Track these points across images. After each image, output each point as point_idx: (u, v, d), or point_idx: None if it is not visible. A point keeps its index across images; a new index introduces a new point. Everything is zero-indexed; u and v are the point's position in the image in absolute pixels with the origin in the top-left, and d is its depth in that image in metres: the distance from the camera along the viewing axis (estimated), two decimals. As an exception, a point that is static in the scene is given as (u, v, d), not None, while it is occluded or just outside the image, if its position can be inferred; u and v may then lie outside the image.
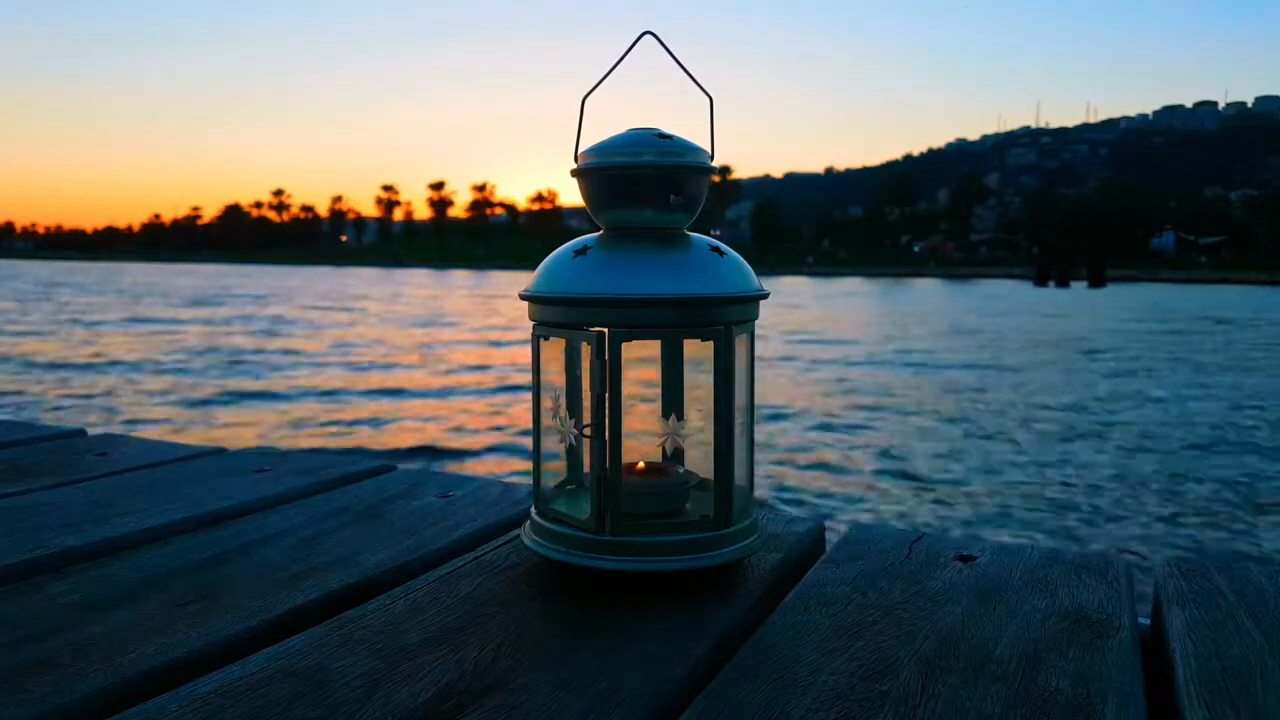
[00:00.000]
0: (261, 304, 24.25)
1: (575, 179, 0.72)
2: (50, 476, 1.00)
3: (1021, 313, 24.28)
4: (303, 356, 12.27)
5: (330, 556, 0.75)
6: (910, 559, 0.76)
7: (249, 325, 17.25)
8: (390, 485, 0.98)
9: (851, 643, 0.60)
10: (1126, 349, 14.68)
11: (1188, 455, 6.74)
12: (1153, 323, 21.51)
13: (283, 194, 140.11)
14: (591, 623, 0.62)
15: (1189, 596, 0.68)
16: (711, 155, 0.71)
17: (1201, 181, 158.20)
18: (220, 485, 0.96)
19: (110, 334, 14.76)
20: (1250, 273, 69.45)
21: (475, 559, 0.75)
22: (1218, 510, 5.25)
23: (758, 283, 0.70)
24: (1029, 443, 7.04)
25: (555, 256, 0.70)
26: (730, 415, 0.68)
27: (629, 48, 0.70)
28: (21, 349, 12.46)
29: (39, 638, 0.59)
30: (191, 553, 0.76)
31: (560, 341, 0.72)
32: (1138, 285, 51.49)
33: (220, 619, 0.62)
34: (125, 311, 20.85)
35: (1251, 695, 0.53)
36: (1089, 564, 0.75)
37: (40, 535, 0.79)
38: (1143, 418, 8.31)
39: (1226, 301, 31.86)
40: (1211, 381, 10.86)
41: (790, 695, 0.52)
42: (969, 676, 0.55)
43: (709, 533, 0.68)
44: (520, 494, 0.94)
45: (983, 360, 12.73)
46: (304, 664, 0.56)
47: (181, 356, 11.96)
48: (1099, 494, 5.54)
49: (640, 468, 0.74)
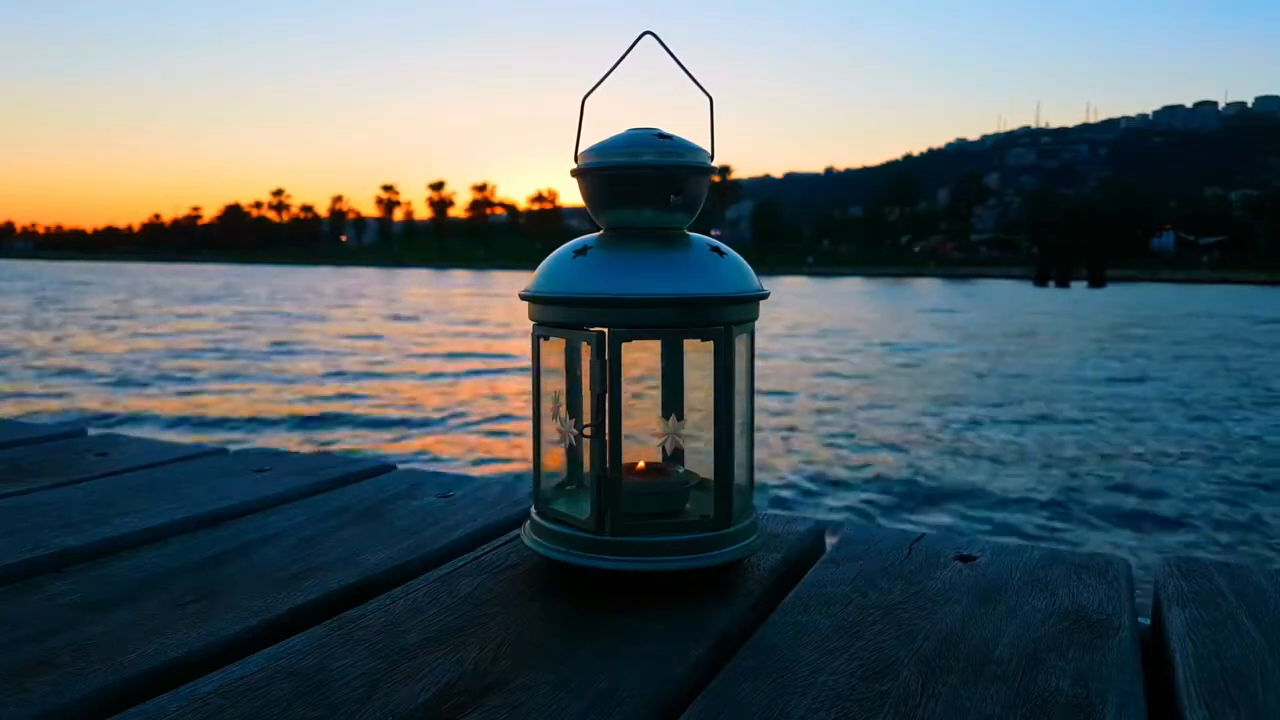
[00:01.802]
0: (351, 309, 23.08)
1: (575, 179, 0.72)
2: (50, 476, 1.00)
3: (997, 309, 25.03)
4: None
5: (330, 556, 0.75)
6: (910, 559, 0.76)
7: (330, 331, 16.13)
8: (390, 485, 0.98)
9: (851, 643, 0.60)
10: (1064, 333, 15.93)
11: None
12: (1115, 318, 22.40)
13: (283, 194, 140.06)
14: (591, 623, 0.62)
15: (1189, 596, 0.68)
16: (711, 155, 0.71)
17: (1201, 181, 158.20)
18: (220, 485, 0.96)
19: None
20: (1250, 272, 69.45)
21: (475, 559, 0.75)
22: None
23: (758, 283, 0.70)
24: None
25: (555, 256, 0.70)
26: (730, 415, 0.68)
27: (629, 48, 0.70)
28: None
29: (39, 638, 0.59)
30: (191, 553, 0.76)
31: (560, 341, 0.72)
32: (1138, 285, 51.56)
33: (220, 619, 0.62)
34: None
35: (1251, 695, 0.53)
36: (1089, 564, 0.75)
37: (40, 535, 0.79)
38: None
39: (1216, 302, 31.98)
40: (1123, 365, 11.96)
41: (790, 695, 0.52)
42: (969, 676, 0.55)
43: (709, 533, 0.68)
44: (520, 494, 0.94)
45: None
46: (304, 664, 0.56)
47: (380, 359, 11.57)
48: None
49: (640, 468, 0.74)
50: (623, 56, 0.70)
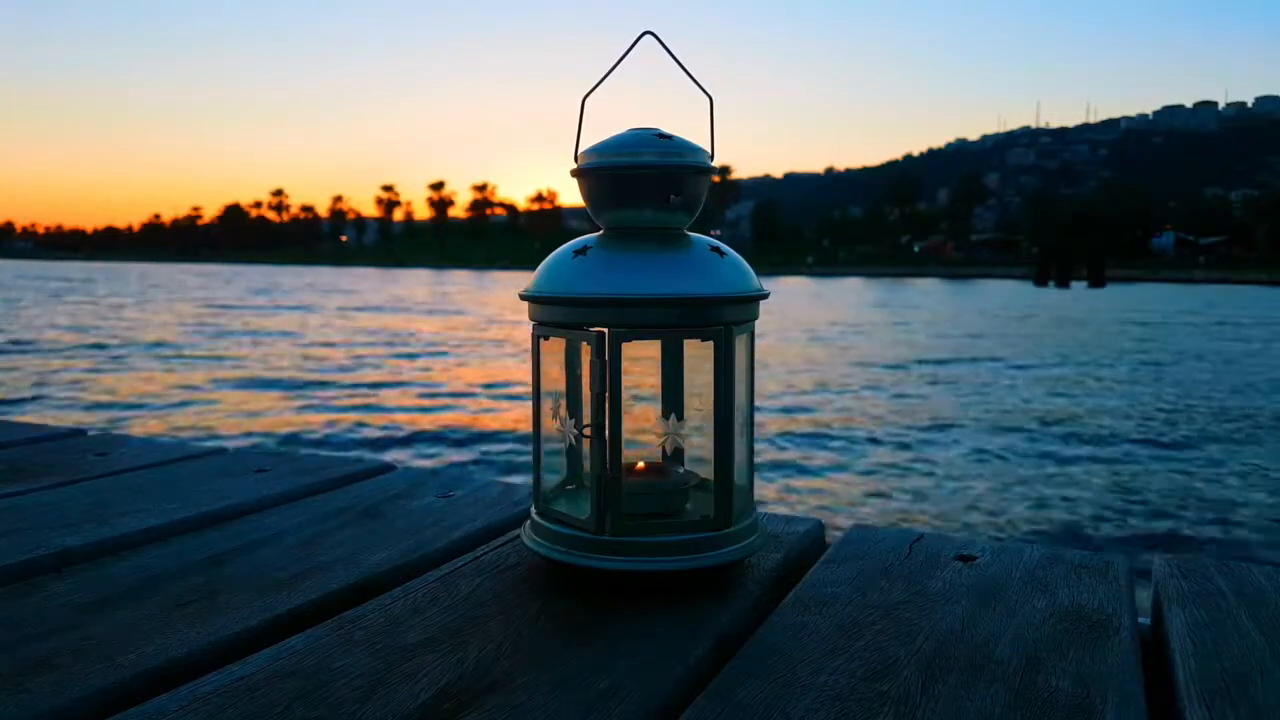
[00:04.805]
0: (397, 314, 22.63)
1: (575, 179, 0.71)
2: (50, 476, 1.00)
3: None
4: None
5: (330, 556, 0.75)
6: (910, 559, 0.76)
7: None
8: (390, 485, 0.98)
9: (851, 643, 0.60)
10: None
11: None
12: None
13: (282, 194, 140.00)
14: (591, 623, 0.62)
15: (1189, 596, 0.68)
16: (711, 155, 0.71)
17: (1201, 181, 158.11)
18: (220, 485, 0.96)
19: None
20: (1250, 272, 69.43)
21: (475, 559, 0.75)
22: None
23: (758, 283, 0.70)
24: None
25: (555, 256, 0.70)
26: (730, 415, 0.68)
27: (629, 48, 0.70)
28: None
29: (39, 638, 0.59)
30: (191, 553, 0.76)
31: (560, 341, 0.72)
32: (1138, 285, 51.60)
33: (220, 619, 0.62)
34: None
35: (1251, 695, 0.53)
36: (1089, 564, 0.75)
37: (40, 535, 0.79)
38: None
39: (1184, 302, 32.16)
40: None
41: (790, 695, 0.52)
42: (969, 677, 0.55)
43: (709, 533, 0.68)
44: (520, 494, 0.94)
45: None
46: (304, 664, 0.56)
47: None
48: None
49: (640, 468, 0.74)
50: (623, 56, 0.70)
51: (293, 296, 27.10)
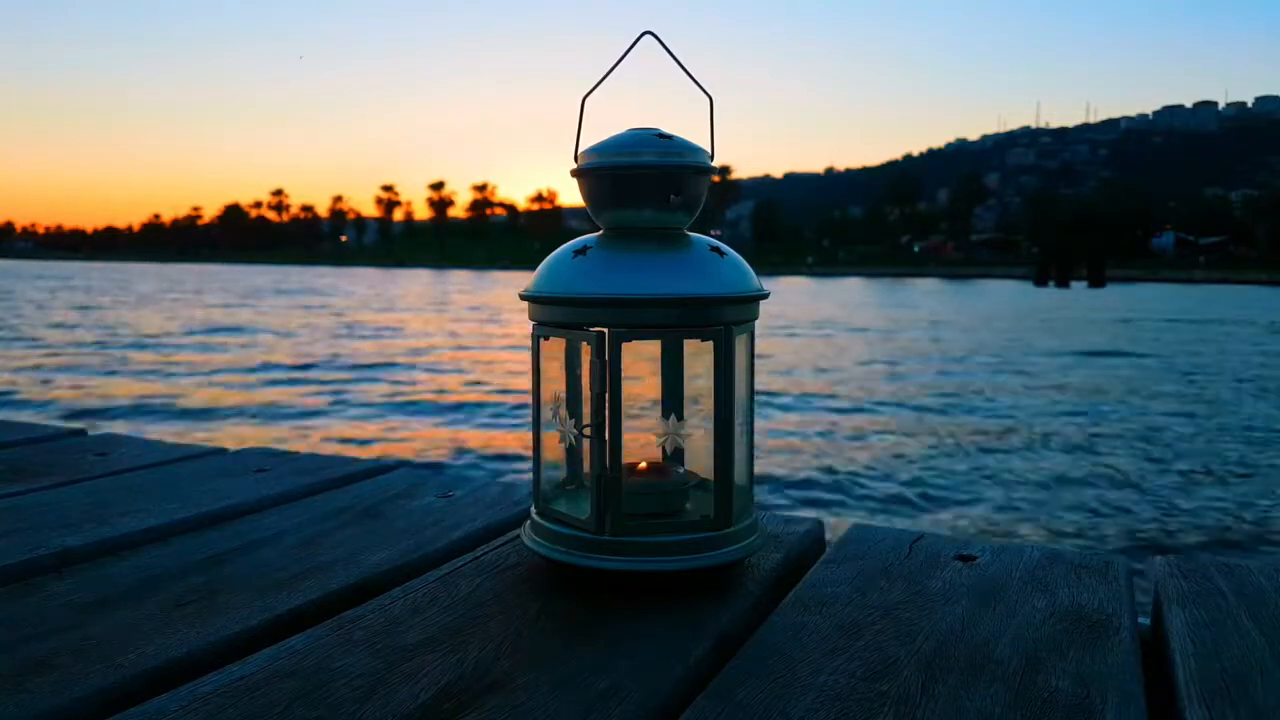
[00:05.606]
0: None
1: (575, 179, 0.71)
2: (50, 476, 1.00)
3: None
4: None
5: (330, 556, 0.75)
6: (910, 559, 0.76)
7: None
8: (390, 485, 0.98)
9: (851, 643, 0.60)
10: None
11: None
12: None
13: (282, 194, 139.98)
14: (591, 623, 0.62)
15: (1189, 596, 0.68)
16: (711, 155, 0.71)
17: (1201, 181, 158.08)
18: (220, 485, 0.96)
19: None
20: (1250, 272, 69.41)
21: (475, 559, 0.75)
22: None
23: (758, 283, 0.70)
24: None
25: (555, 256, 0.70)
26: (730, 415, 0.68)
27: (629, 48, 0.70)
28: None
29: (39, 638, 0.59)
30: (191, 553, 0.76)
31: (560, 341, 0.72)
32: (1138, 285, 51.58)
33: (220, 619, 0.62)
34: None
35: (1251, 695, 0.53)
36: (1089, 564, 0.75)
37: (40, 535, 0.79)
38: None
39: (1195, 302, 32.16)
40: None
41: (790, 695, 0.52)
42: (969, 677, 0.55)
43: (709, 533, 0.68)
44: (520, 494, 0.94)
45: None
46: (304, 664, 0.56)
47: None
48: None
49: (640, 468, 0.74)
50: (622, 56, 0.70)
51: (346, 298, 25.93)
